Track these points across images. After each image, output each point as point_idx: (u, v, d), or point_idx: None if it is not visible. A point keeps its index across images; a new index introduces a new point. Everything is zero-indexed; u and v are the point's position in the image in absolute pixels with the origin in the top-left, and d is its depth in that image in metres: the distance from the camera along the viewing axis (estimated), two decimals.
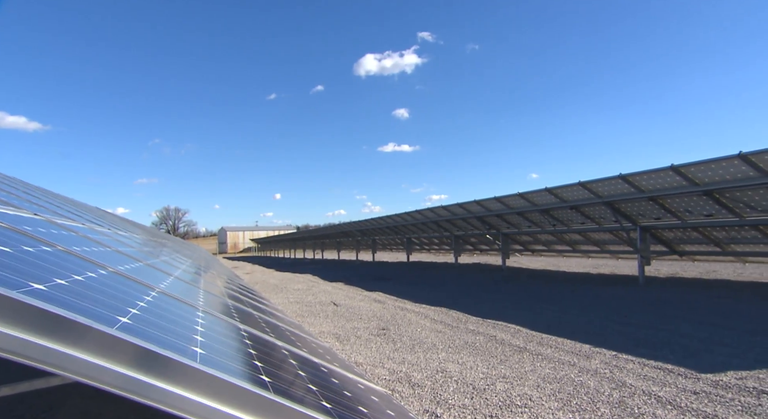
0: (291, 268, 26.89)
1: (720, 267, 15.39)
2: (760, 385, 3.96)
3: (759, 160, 8.33)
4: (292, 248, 56.17)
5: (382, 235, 29.81)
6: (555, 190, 12.96)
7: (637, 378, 4.32)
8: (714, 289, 10.57)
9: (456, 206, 17.86)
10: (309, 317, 8.57)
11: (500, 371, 4.74)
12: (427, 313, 8.61)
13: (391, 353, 5.69)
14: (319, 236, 42.04)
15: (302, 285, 15.14)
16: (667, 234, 12.51)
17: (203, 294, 3.00)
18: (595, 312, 8.10)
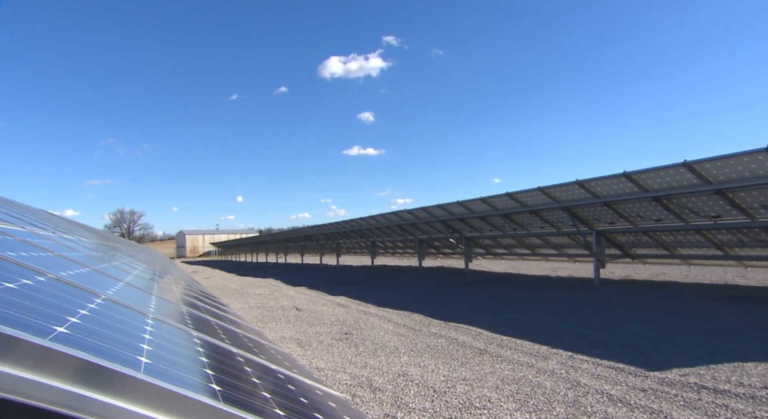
0: (253, 273, 26.32)
1: (668, 269, 16.22)
2: (700, 381, 4.19)
3: (701, 169, 8.84)
4: (254, 252, 55.02)
5: (347, 239, 29.68)
6: (516, 195, 13.30)
7: (591, 378, 4.47)
8: (663, 291, 11.11)
9: (420, 210, 18.02)
10: (270, 322, 8.40)
11: (461, 373, 4.79)
12: (391, 317, 8.62)
13: (354, 357, 5.65)
14: (282, 240, 41.39)
15: (264, 289, 14.84)
16: (620, 238, 13.08)
17: (156, 300, 2.87)
18: (554, 314, 8.34)
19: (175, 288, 4.87)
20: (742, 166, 8.33)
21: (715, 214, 9.94)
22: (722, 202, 9.41)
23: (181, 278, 8.98)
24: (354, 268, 27.24)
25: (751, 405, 3.61)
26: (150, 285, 3.93)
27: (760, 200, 8.97)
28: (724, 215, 9.84)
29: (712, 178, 8.95)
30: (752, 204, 9.16)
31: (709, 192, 9.27)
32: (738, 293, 9.98)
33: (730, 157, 8.27)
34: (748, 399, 3.72)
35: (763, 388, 3.95)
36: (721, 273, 13.99)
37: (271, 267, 33.06)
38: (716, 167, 8.66)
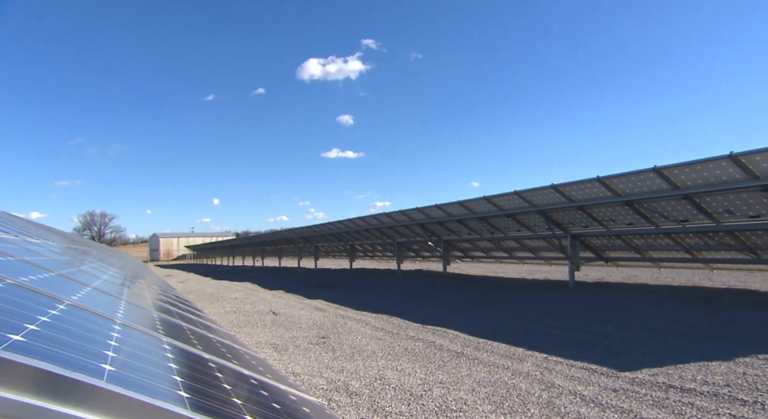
0: (229, 276, 25.89)
1: (640, 272, 16.66)
2: (668, 380, 4.31)
3: (670, 174, 9.12)
4: (230, 255, 54.15)
5: (325, 242, 29.51)
6: (493, 199, 13.46)
7: (565, 379, 4.54)
8: (635, 293, 11.40)
9: (398, 213, 18.06)
10: (246, 327, 8.27)
11: (438, 376, 4.80)
12: (369, 321, 8.59)
13: (330, 362, 5.61)
14: (259, 243, 40.86)
15: (240, 293, 14.61)
16: (594, 241, 13.37)
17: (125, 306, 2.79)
18: (530, 316, 8.46)
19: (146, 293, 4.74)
20: (708, 172, 8.63)
21: (684, 218, 10.27)
22: (690, 206, 9.73)
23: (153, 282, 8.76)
24: (332, 271, 27.09)
25: (715, 402, 3.73)
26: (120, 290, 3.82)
27: (724, 205, 9.31)
28: (692, 219, 10.17)
29: (680, 183, 9.24)
30: (717, 209, 9.50)
31: (677, 197, 9.57)
32: (705, 295, 10.31)
33: (697, 163, 8.55)
34: (712, 397, 3.85)
35: (726, 386, 4.09)
36: (690, 276, 14.45)
37: (248, 271, 32.58)
38: (684, 173, 8.94)
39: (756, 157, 7.82)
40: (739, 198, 8.94)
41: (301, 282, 19.47)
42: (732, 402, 3.72)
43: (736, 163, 8.05)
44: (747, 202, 8.93)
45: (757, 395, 3.85)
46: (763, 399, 3.74)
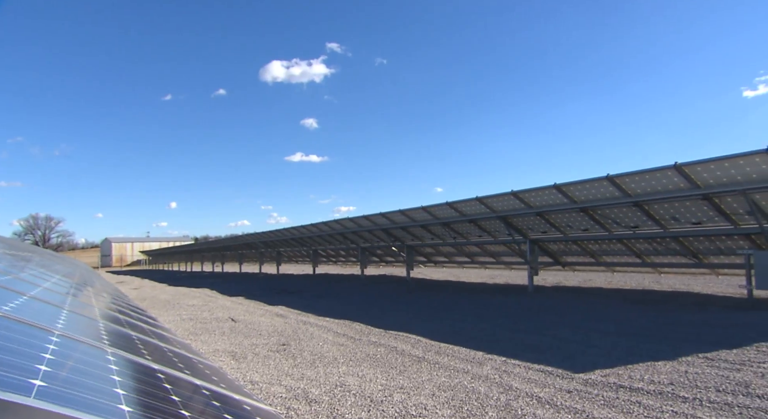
0: (186, 282, 25.03)
1: (595, 276, 17.33)
2: (618, 380, 4.48)
3: (621, 182, 9.56)
4: (189, 261, 52.39)
5: (288, 247, 29.07)
6: (455, 204, 13.67)
7: (523, 382, 4.64)
8: (590, 296, 11.83)
9: (362, 218, 18.04)
10: (203, 335, 8.00)
11: (399, 382, 4.80)
12: (331, 327, 8.51)
13: (290, 369, 5.50)
14: (219, 248, 39.77)
15: (198, 300, 14.15)
16: (552, 246, 13.81)
17: (67, 315, 2.62)
18: (490, 320, 8.62)
19: (94, 302, 4.50)
20: (656, 181, 9.10)
21: (634, 225, 10.78)
22: (640, 213, 10.23)
23: (103, 290, 8.34)
24: (295, 277, 26.70)
25: (660, 400, 3.91)
26: (62, 299, 3.60)
27: (670, 212, 9.84)
28: (642, 226, 10.69)
29: (630, 191, 9.71)
30: (664, 216, 10.03)
31: (628, 204, 10.04)
32: (653, 297, 10.84)
33: (645, 173, 9.01)
34: (657, 395, 4.03)
35: (670, 384, 4.30)
36: (640, 279, 15.15)
37: (206, 277, 31.62)
38: (634, 181, 9.40)
39: (698, 168, 8.31)
40: (683, 206, 9.47)
41: (263, 288, 19.06)
42: (675, 400, 3.91)
43: (680, 173, 8.54)
44: (690, 209, 9.47)
45: (696, 392, 4.07)
46: (702, 396, 3.95)
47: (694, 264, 11.35)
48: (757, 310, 8.03)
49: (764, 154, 7.38)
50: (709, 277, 13.60)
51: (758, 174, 7.82)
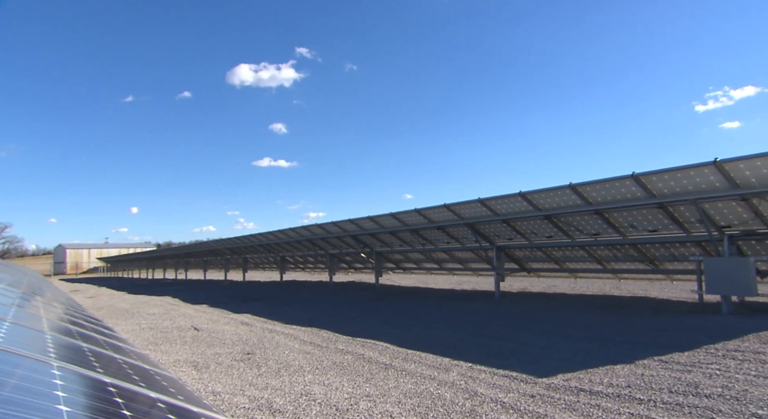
0: (147, 290, 24.14)
1: (559, 282, 17.79)
2: (579, 384, 4.60)
3: (583, 191, 9.88)
4: (150, 268, 50.55)
5: (254, 254, 28.53)
6: (423, 211, 13.78)
7: (488, 387, 4.69)
8: (554, 302, 12.12)
9: (331, 224, 17.92)
10: (163, 345, 7.71)
11: (365, 390, 4.76)
12: (297, 334, 8.37)
13: (255, 379, 5.37)
14: (183, 254, 38.60)
15: (159, 308, 13.65)
16: (518, 253, 14.10)
17: (8, 327, 2.47)
18: (457, 326, 8.69)
19: (42, 312, 4.26)
20: (615, 190, 9.46)
21: (596, 232, 11.15)
22: (600, 221, 10.59)
23: (54, 299, 7.92)
24: (261, 284, 26.20)
25: (618, 402, 4.03)
26: (5, 309, 3.39)
27: (628, 220, 10.24)
28: (603, 233, 11.06)
29: (592, 199, 10.04)
30: (623, 223, 10.42)
31: (590, 212, 10.38)
32: (613, 302, 11.20)
33: (605, 182, 9.35)
34: (616, 397, 4.16)
35: (627, 387, 4.45)
36: (601, 285, 15.65)
37: (169, 284, 30.59)
38: (595, 190, 9.73)
39: (653, 178, 8.69)
40: (640, 214, 9.87)
41: (228, 295, 18.60)
42: (631, 402, 4.04)
43: (637, 183, 8.90)
44: (647, 217, 9.88)
45: (651, 393, 4.22)
46: (656, 397, 4.11)
47: (651, 270, 11.82)
48: (706, 314, 8.42)
49: (712, 166, 7.79)
50: (664, 283, 14.19)
51: (707, 184, 8.24)
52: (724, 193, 8.14)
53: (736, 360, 5.23)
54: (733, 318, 7.85)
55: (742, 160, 7.54)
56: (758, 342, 5.97)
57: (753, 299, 8.64)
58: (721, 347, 5.87)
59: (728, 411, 3.69)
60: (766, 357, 5.33)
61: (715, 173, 7.94)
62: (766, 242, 8.93)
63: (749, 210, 8.33)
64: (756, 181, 7.75)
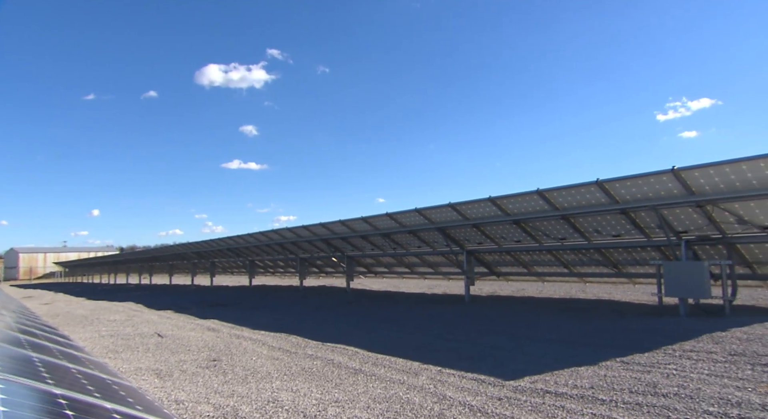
0: (109, 296, 23.24)
1: (527, 285, 18.14)
2: (545, 386, 4.69)
3: (550, 196, 10.13)
4: (113, 272, 48.69)
5: (223, 258, 27.92)
6: (395, 215, 13.82)
7: (456, 391, 4.71)
8: (522, 305, 12.34)
9: (302, 228, 17.75)
10: (125, 352, 7.42)
11: (334, 395, 4.71)
12: (266, 340, 8.22)
13: (220, 386, 5.23)
14: (147, 259, 37.40)
15: (121, 315, 13.16)
16: (487, 257, 14.31)
17: None
18: (427, 330, 8.72)
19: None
20: (580, 196, 9.74)
21: (562, 237, 11.44)
22: (567, 226, 10.87)
23: (3, 306, 7.51)
24: (230, 289, 25.65)
25: (581, 403, 4.13)
26: None
27: (593, 225, 10.56)
28: (569, 238, 11.36)
29: (558, 205, 10.31)
30: (588, 228, 10.74)
31: (556, 217, 10.65)
32: (579, 305, 11.51)
33: (572, 188, 9.62)
34: (579, 398, 4.26)
35: (591, 388, 4.56)
36: (568, 289, 16.06)
37: (132, 290, 29.56)
38: (561, 195, 10.00)
39: (616, 184, 9.00)
40: (604, 219, 10.19)
41: (194, 300, 18.11)
42: (594, 402, 4.14)
43: (601, 189, 9.19)
44: (611, 223, 10.21)
45: (613, 394, 4.34)
46: (617, 398, 4.23)
47: (614, 274, 12.22)
48: (666, 316, 8.76)
49: (670, 174, 8.14)
50: (627, 286, 14.68)
51: (666, 191, 8.60)
52: (681, 200, 8.51)
53: (692, 360, 5.45)
54: (689, 319, 8.19)
55: (697, 168, 7.90)
56: (711, 343, 6.25)
57: (707, 301, 9.04)
58: (678, 348, 6.10)
59: (683, 410, 3.83)
60: (717, 356, 5.57)
61: (672, 180, 8.28)
62: (718, 247, 9.38)
63: (704, 217, 8.73)
64: (710, 188, 8.13)
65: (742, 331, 6.74)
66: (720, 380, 4.63)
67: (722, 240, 9.07)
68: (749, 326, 7.03)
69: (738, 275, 9.43)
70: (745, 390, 4.25)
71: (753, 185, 7.69)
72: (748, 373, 4.82)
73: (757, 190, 7.70)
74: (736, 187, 7.85)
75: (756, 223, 8.41)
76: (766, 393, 4.16)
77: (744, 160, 7.36)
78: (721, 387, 4.37)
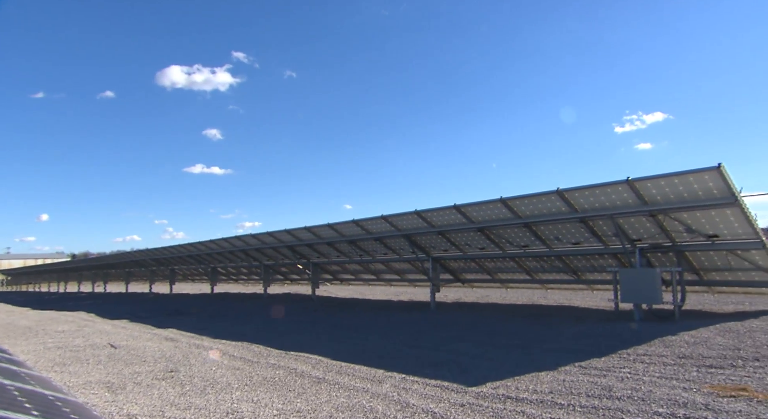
0: (58, 305, 22.04)
1: (491, 292, 18.42)
2: (506, 392, 4.76)
3: (513, 205, 10.37)
4: (63, 281, 46.21)
5: (184, 265, 27.03)
6: (361, 222, 13.78)
7: (420, 398, 4.71)
8: (486, 311, 12.52)
9: (266, 235, 17.43)
10: (73, 365, 7.03)
11: (296, 405, 4.61)
12: (227, 349, 7.99)
13: (177, 398, 5.03)
14: (102, 266, 35.74)
15: (70, 325, 12.48)
16: (453, 264, 14.46)
17: None
18: (393, 337, 8.71)
19: None
20: (542, 205, 10.01)
21: (524, 244, 11.71)
22: (529, 234, 11.14)
23: None
24: (190, 297, 24.83)
25: (541, 408, 4.21)
26: None
27: (554, 233, 10.87)
28: (531, 245, 11.65)
29: (521, 213, 10.56)
30: (549, 236, 11.04)
31: (519, 225, 10.89)
32: (541, 311, 11.79)
33: (533, 196, 9.87)
34: (539, 403, 4.35)
35: (550, 393, 4.66)
36: (530, 295, 16.42)
37: (84, 299, 28.14)
38: (524, 204, 10.25)
39: (575, 194, 9.31)
40: (564, 227, 10.51)
41: (152, 309, 17.42)
42: (553, 407, 4.24)
43: (561, 198, 9.49)
44: (570, 231, 10.54)
45: (571, 398, 4.46)
46: (575, 401, 4.34)
47: (574, 281, 12.60)
48: (621, 321, 9.09)
49: (625, 184, 8.50)
50: (586, 292, 15.17)
51: (621, 201, 8.97)
52: (636, 209, 8.89)
53: (644, 364, 5.67)
54: (643, 324, 8.53)
55: (649, 179, 8.28)
56: (662, 347, 6.52)
57: (659, 307, 9.45)
58: (632, 352, 6.34)
59: (635, 411, 3.97)
60: (668, 359, 5.82)
61: (627, 191, 8.65)
62: (669, 254, 9.84)
63: (656, 226, 9.15)
64: (661, 198, 8.54)
65: (690, 335, 7.08)
66: (669, 382, 4.83)
67: (672, 248, 9.53)
68: (696, 330, 7.40)
69: (687, 281, 9.91)
70: (691, 391, 4.45)
71: (699, 196, 8.13)
72: (694, 375, 5.06)
73: (702, 201, 8.14)
74: (685, 197, 8.28)
75: (702, 232, 8.88)
76: (709, 393, 4.37)
77: (691, 172, 7.77)
78: (670, 389, 4.56)
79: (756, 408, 3.92)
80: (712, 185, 7.81)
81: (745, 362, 5.44)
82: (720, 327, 7.53)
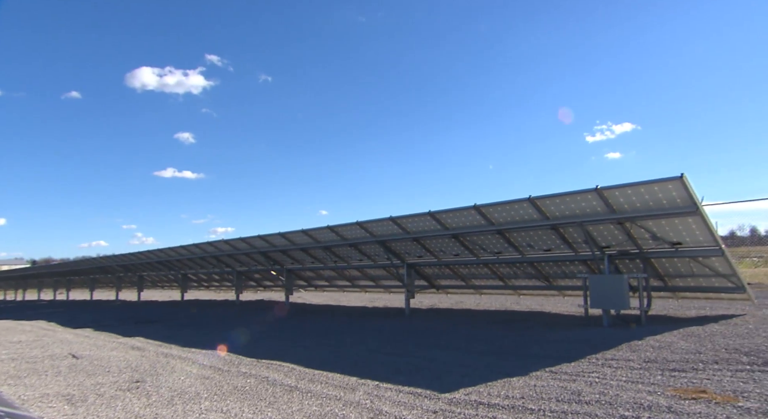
0: (15, 314, 21.05)
1: (465, 298, 18.56)
2: (479, 398, 4.79)
3: (486, 212, 10.52)
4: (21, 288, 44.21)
5: (152, 271, 26.28)
6: (336, 228, 13.71)
7: (393, 405, 4.69)
8: (460, 317, 12.60)
9: (239, 240, 17.12)
10: (29, 377, 6.71)
11: (267, 414, 4.52)
12: (196, 358, 7.78)
13: (142, 410, 4.85)
14: (65, 273, 34.36)
15: (28, 335, 11.93)
16: (427, 270, 14.53)
17: None
18: (367, 344, 8.65)
19: None
20: (514, 212, 10.19)
21: (498, 251, 11.88)
22: (502, 240, 11.31)
23: None
24: (159, 304, 24.12)
25: (512, 414, 4.26)
26: None
27: (526, 240, 11.06)
28: (504, 252, 11.82)
29: (494, 220, 10.71)
30: (522, 243, 11.23)
31: (493, 232, 11.05)
32: (514, 317, 11.94)
33: (506, 204, 10.04)
34: (511, 409, 4.39)
35: (521, 398, 4.72)
36: (503, 301, 16.62)
37: (44, 307, 26.98)
38: (497, 211, 10.40)
39: (546, 201, 9.51)
40: (537, 234, 10.72)
41: (118, 317, 16.83)
42: (524, 412, 4.28)
43: (533, 205, 9.67)
44: (542, 238, 10.75)
45: (541, 403, 4.52)
46: (545, 406, 4.40)
47: (546, 287, 12.83)
48: (591, 327, 9.30)
49: (594, 193, 8.74)
50: (558, 298, 15.46)
51: (590, 209, 9.21)
52: (604, 217, 9.14)
53: (612, 368, 5.81)
54: (611, 329, 8.75)
55: (617, 188, 8.55)
56: (629, 351, 6.70)
57: (627, 312, 9.71)
58: (600, 357, 6.48)
59: (602, 415, 4.06)
60: (634, 364, 5.98)
61: (596, 199, 8.89)
62: (636, 261, 10.15)
63: (624, 233, 9.43)
64: (628, 207, 8.81)
65: (655, 339, 7.29)
66: (635, 386, 4.96)
67: (639, 255, 9.83)
68: (661, 334, 7.63)
69: (652, 287, 10.23)
70: (656, 394, 4.58)
71: (663, 205, 8.43)
72: (659, 378, 5.21)
73: (666, 209, 8.45)
74: (650, 206, 8.57)
75: (667, 239, 9.20)
76: (672, 395, 4.51)
77: (655, 181, 8.06)
78: (636, 393, 4.68)
79: (714, 409, 4.06)
80: (676, 194, 8.12)
81: (705, 365, 5.64)
82: (683, 331, 7.79)
